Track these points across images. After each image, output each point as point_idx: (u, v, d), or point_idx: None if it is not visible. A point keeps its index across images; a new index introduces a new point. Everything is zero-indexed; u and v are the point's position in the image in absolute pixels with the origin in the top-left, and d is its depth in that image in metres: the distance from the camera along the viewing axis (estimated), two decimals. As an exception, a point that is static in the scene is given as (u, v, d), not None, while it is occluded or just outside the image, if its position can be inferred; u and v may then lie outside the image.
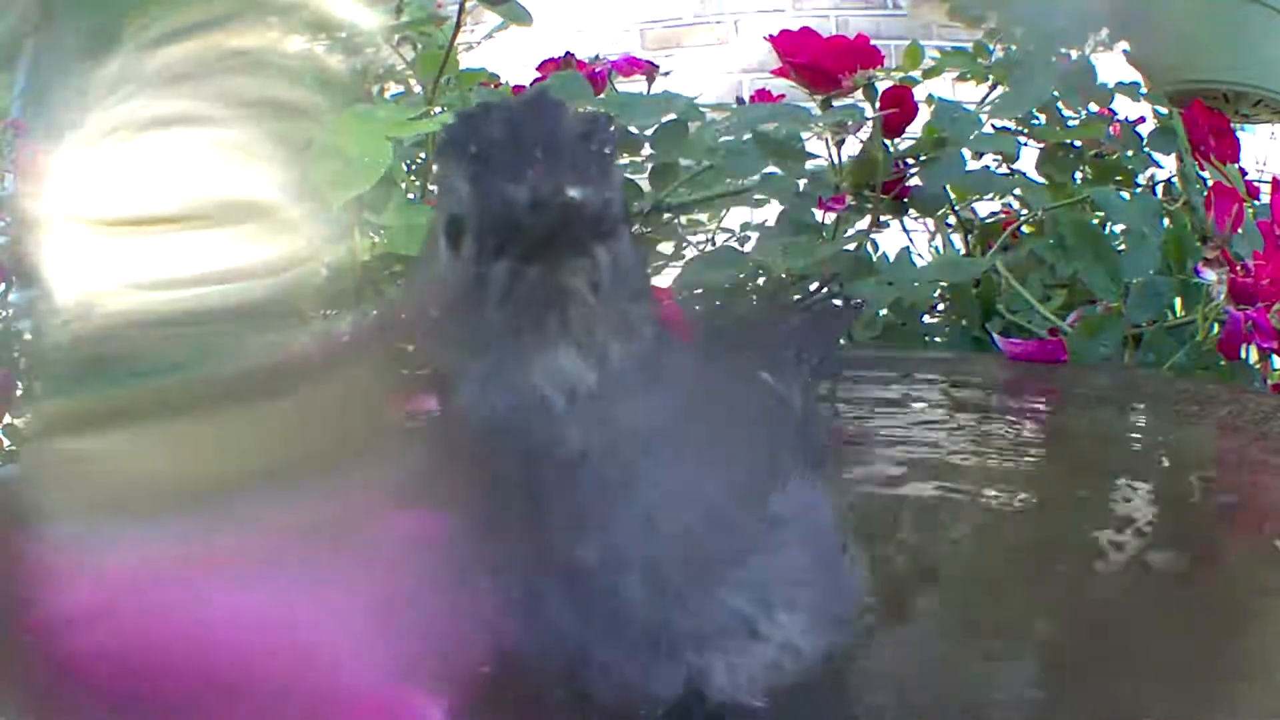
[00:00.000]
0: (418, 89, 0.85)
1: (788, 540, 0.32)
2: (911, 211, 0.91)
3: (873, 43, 0.85)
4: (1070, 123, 0.96)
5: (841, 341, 0.59)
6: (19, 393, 0.69)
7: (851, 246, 0.83)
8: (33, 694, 0.31)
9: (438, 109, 0.77)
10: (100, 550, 0.29)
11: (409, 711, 0.30)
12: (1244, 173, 0.96)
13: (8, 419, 0.76)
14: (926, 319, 0.92)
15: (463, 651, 0.30)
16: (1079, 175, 0.96)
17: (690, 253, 0.96)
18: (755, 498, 0.32)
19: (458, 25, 0.81)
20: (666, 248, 0.95)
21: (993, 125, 0.88)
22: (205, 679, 0.28)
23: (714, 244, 0.99)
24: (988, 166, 0.92)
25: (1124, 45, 1.01)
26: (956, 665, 0.38)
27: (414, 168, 0.85)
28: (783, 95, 0.97)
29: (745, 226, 0.99)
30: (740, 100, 1.26)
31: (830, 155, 0.84)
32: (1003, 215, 0.98)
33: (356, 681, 0.29)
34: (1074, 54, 0.99)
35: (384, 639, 0.29)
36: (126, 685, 0.28)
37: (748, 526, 0.31)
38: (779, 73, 0.89)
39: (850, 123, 0.82)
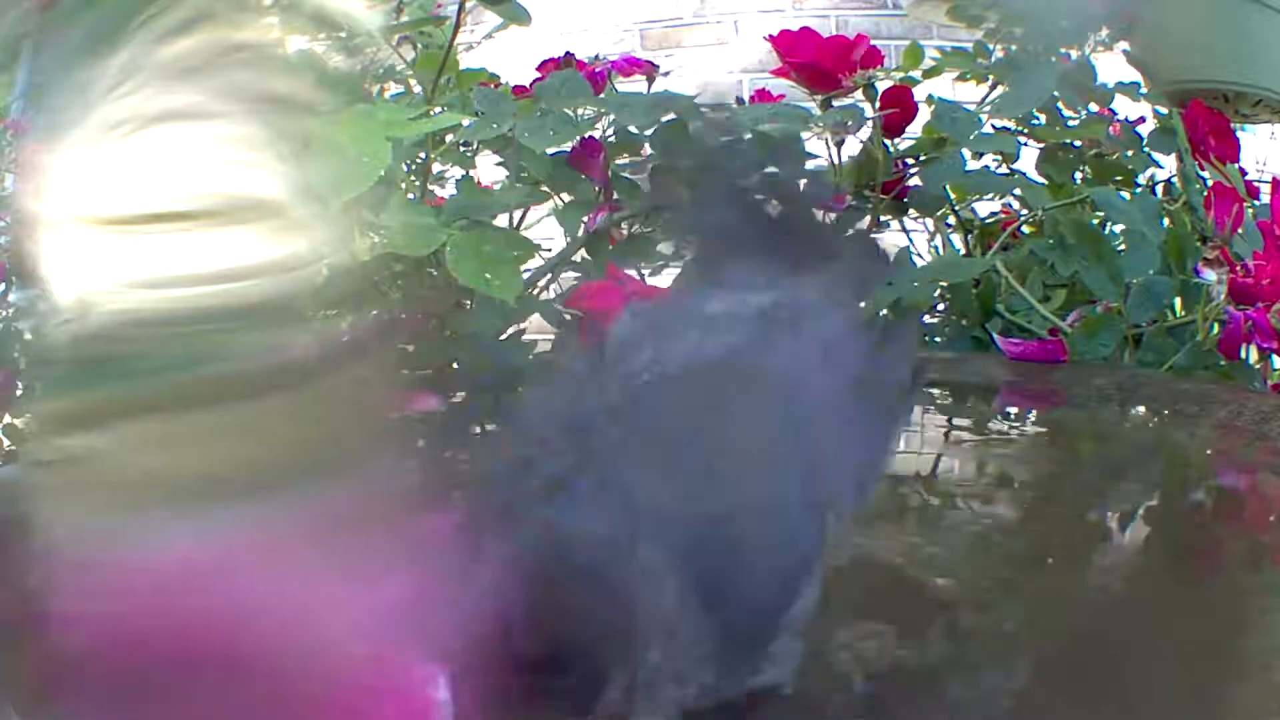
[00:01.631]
0: (418, 89, 0.85)
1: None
2: (911, 211, 0.91)
3: (873, 43, 0.85)
4: (1070, 123, 0.96)
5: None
6: (19, 393, 0.69)
7: (851, 246, 0.83)
8: (39, 686, 0.31)
9: (438, 109, 0.77)
10: (102, 545, 0.29)
11: (413, 682, 0.30)
12: (1244, 173, 0.96)
13: (8, 419, 0.76)
14: (926, 319, 0.92)
15: (475, 624, 0.30)
16: (1079, 175, 0.96)
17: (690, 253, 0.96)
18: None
19: (457, 25, 0.81)
20: (667, 248, 0.95)
21: (993, 125, 0.88)
22: (205, 659, 0.28)
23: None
24: (988, 166, 0.92)
25: (1124, 45, 1.01)
26: (953, 665, 0.38)
27: (414, 168, 0.85)
28: (783, 95, 0.97)
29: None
30: (740, 100, 1.26)
31: (830, 155, 0.84)
32: (1003, 215, 0.98)
33: (361, 653, 0.29)
34: (1074, 54, 0.99)
35: (392, 617, 0.30)
36: (129, 671, 0.28)
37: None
38: (779, 73, 0.89)
39: (850, 123, 0.82)
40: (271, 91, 0.31)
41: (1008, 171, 0.94)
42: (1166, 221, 0.87)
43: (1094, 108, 0.97)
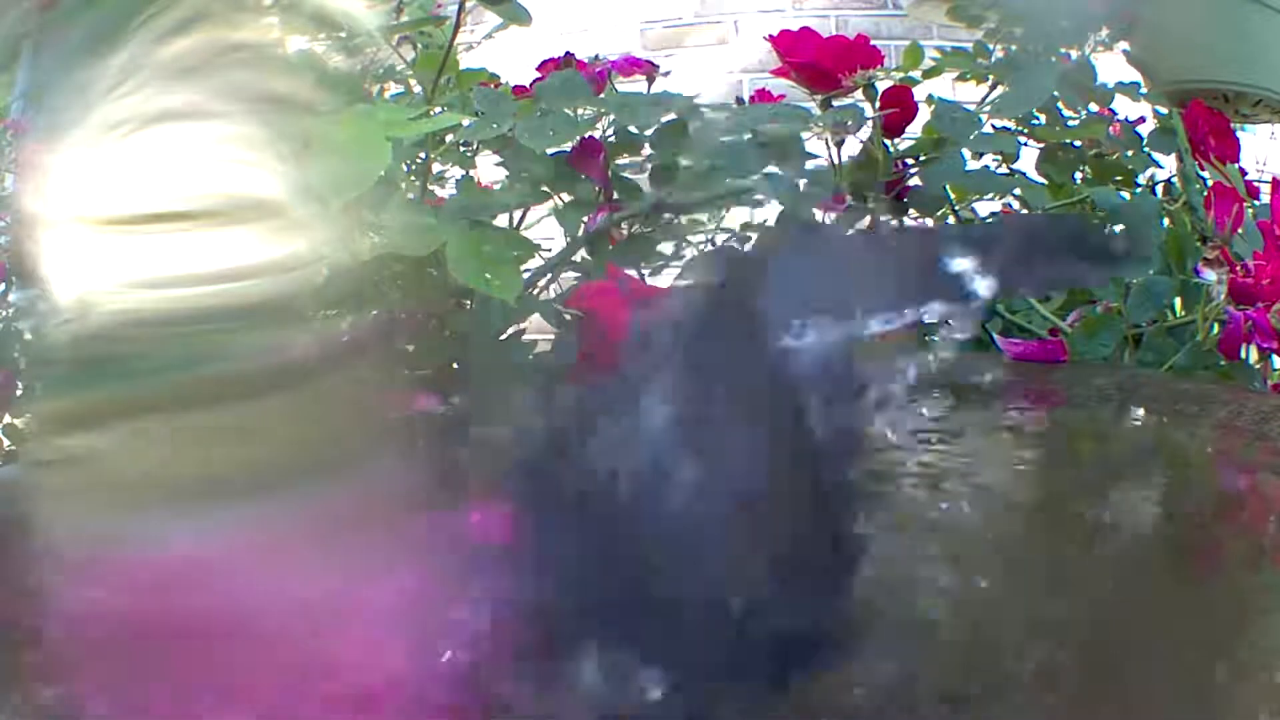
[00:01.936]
0: (418, 89, 0.85)
1: None
2: (911, 211, 0.91)
3: (873, 43, 0.85)
4: (1070, 123, 0.96)
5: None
6: (19, 393, 0.69)
7: (851, 246, 0.83)
8: (39, 683, 0.31)
9: (438, 109, 0.77)
10: (101, 543, 0.29)
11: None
12: (1244, 173, 0.96)
13: (8, 419, 0.76)
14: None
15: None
16: (1079, 175, 0.96)
17: (690, 253, 0.96)
18: None
19: (457, 25, 0.81)
20: (667, 248, 0.95)
21: (993, 125, 0.88)
22: (201, 649, 0.28)
23: (714, 244, 0.99)
24: (988, 166, 0.92)
25: (1124, 45, 1.01)
26: (949, 666, 0.38)
27: (414, 168, 0.85)
28: (783, 95, 0.97)
29: (745, 226, 0.99)
30: (740, 100, 1.26)
31: (830, 155, 0.84)
32: (1003, 215, 0.98)
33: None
34: (1074, 54, 0.99)
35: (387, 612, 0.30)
36: (126, 662, 0.28)
37: None
38: (779, 73, 0.89)
39: (850, 123, 0.82)
40: (271, 91, 0.31)
41: (1008, 171, 0.94)
42: (1166, 221, 0.87)
43: (1094, 108, 0.97)
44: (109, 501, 0.29)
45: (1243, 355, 0.77)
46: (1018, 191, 0.92)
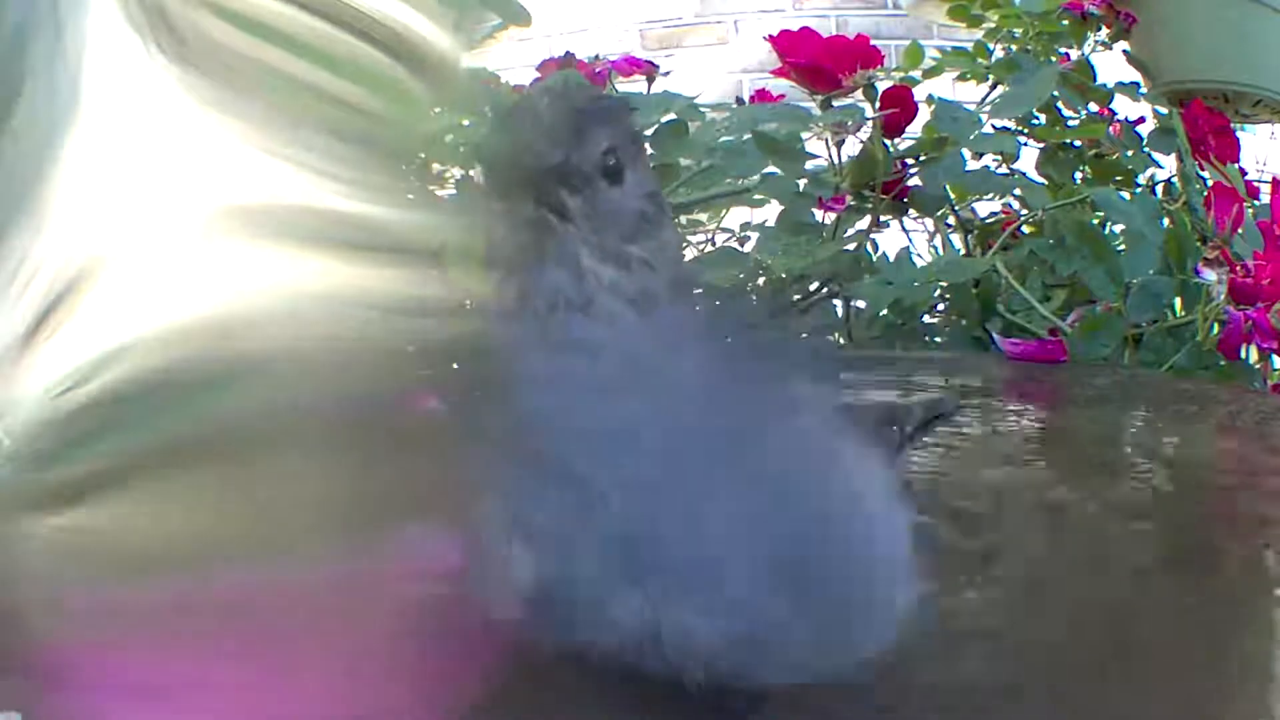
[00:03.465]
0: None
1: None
2: (911, 211, 0.91)
3: (873, 43, 0.85)
4: (1070, 123, 0.96)
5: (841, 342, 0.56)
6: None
7: (851, 246, 0.83)
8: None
9: (438, 109, 0.77)
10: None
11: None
12: (1244, 173, 0.96)
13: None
14: (926, 319, 0.92)
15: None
16: (1079, 175, 0.96)
17: (690, 253, 0.96)
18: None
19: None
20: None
21: (993, 125, 0.88)
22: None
23: (714, 244, 1.00)
24: (988, 166, 0.92)
25: (1124, 45, 1.02)
26: (949, 663, 0.38)
27: (414, 168, 0.85)
28: (783, 95, 0.97)
29: (745, 226, 0.99)
30: (740, 100, 1.26)
31: (830, 155, 0.84)
32: (1003, 215, 0.98)
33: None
34: (1074, 54, 0.99)
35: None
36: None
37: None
38: (779, 73, 0.89)
39: (850, 123, 0.82)
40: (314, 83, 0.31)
41: (1008, 171, 0.94)
42: (1166, 221, 0.87)
43: (1094, 108, 0.97)
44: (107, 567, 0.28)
45: (1243, 355, 0.77)
46: (1018, 191, 0.93)
